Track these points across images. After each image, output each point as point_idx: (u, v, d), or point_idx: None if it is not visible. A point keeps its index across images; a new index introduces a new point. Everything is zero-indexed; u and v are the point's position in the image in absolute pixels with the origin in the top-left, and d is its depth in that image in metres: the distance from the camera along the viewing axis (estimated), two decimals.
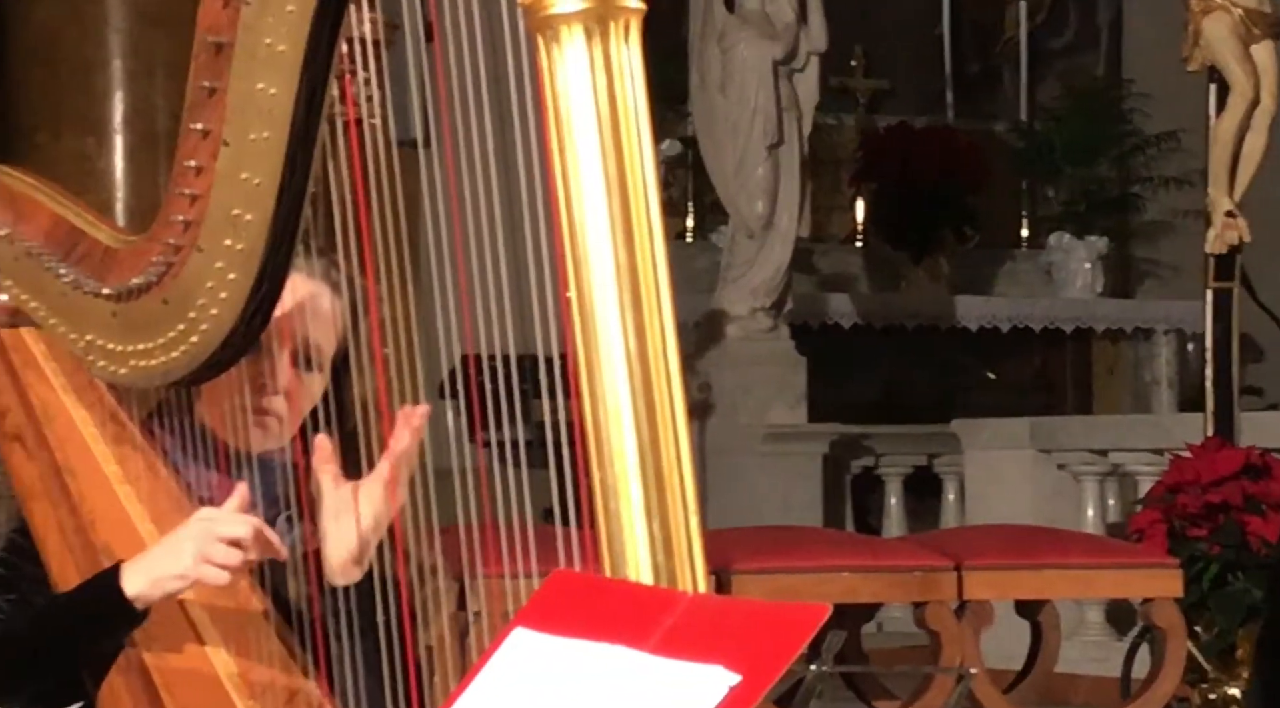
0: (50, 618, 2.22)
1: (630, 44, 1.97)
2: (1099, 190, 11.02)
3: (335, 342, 2.33)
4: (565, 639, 1.72)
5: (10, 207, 2.37)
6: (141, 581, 2.17)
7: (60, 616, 2.21)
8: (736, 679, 1.61)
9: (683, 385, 1.97)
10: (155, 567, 2.17)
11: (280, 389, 2.29)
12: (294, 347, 2.30)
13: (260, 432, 2.30)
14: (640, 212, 1.95)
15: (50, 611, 2.23)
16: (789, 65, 8.72)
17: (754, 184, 8.66)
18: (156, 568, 2.17)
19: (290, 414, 2.31)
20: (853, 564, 4.83)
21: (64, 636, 2.20)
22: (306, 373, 2.31)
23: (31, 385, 2.36)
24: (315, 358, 2.32)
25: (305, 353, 2.31)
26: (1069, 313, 10.43)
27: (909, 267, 10.43)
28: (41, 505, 2.30)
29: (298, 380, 2.30)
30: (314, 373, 2.32)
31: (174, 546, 2.18)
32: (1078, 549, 5.18)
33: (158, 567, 2.17)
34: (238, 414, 2.27)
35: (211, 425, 2.31)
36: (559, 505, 2.02)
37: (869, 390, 9.89)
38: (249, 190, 2.14)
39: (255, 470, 2.29)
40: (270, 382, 2.29)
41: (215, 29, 2.12)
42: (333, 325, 2.33)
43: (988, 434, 7.67)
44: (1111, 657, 6.55)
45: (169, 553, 2.17)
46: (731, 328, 8.69)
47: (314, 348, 2.31)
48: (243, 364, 2.26)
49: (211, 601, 2.22)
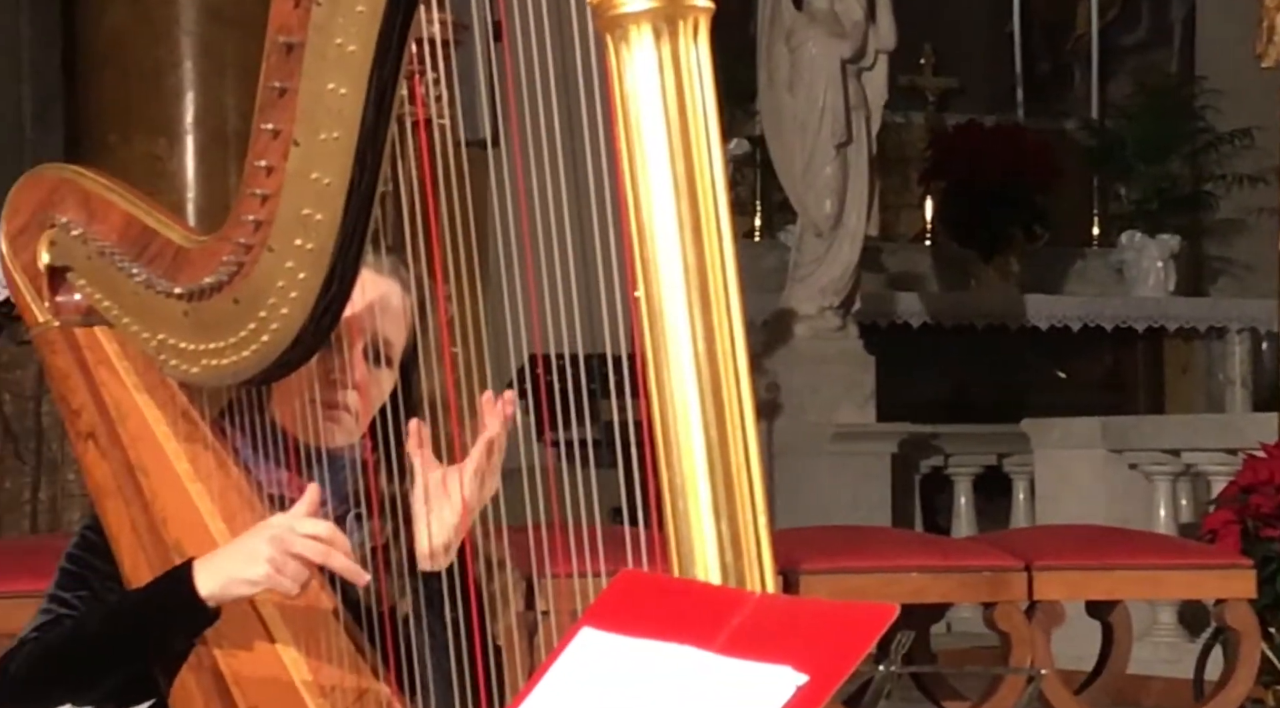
0: (122, 615, 2.23)
1: (699, 43, 1.96)
2: (1171, 188, 10.94)
3: (405, 337, 2.34)
4: (632, 639, 1.72)
5: (84, 206, 2.39)
6: (214, 581, 2.18)
7: (132, 613, 2.23)
8: (804, 680, 1.61)
9: (751, 385, 1.96)
10: (228, 568, 2.18)
11: (353, 383, 2.30)
12: (366, 342, 2.31)
13: (334, 426, 2.31)
14: (709, 211, 1.95)
15: (122, 608, 2.24)
16: (857, 64, 8.70)
17: (822, 183, 8.64)
18: (230, 569, 2.18)
19: (362, 409, 2.32)
20: (922, 564, 4.82)
21: (135, 633, 2.21)
22: (377, 368, 2.32)
23: (104, 384, 2.38)
24: (386, 353, 2.33)
25: (376, 348, 2.32)
26: (1141, 312, 10.36)
27: (978, 265, 10.39)
28: (114, 503, 2.32)
29: (370, 375, 2.31)
30: (385, 368, 2.33)
31: (249, 550, 2.18)
32: (1149, 550, 5.14)
33: (231, 569, 2.18)
34: (311, 409, 2.28)
35: (284, 422, 2.32)
36: (627, 505, 2.02)
37: (938, 390, 9.86)
38: (319, 190, 2.14)
39: (325, 467, 2.30)
40: (342, 376, 2.30)
41: (286, 29, 2.13)
42: (403, 321, 2.34)
43: (1058, 434, 7.62)
44: (1184, 658, 6.50)
45: (243, 557, 2.18)
46: (800, 327, 8.68)
47: (385, 343, 2.32)
48: (315, 359, 2.27)
49: (282, 598, 2.23)
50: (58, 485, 5.68)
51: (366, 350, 2.31)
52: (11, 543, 5.02)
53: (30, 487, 5.71)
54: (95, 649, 2.21)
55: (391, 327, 2.33)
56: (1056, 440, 7.61)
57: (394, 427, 2.29)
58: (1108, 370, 10.55)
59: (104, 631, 2.22)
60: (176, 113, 7.18)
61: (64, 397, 2.40)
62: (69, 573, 2.31)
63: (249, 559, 2.17)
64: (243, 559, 2.17)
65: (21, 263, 2.42)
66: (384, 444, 2.29)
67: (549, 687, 1.74)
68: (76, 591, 2.29)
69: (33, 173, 2.45)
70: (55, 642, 2.23)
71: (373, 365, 2.32)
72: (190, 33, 7.17)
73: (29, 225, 2.42)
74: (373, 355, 2.32)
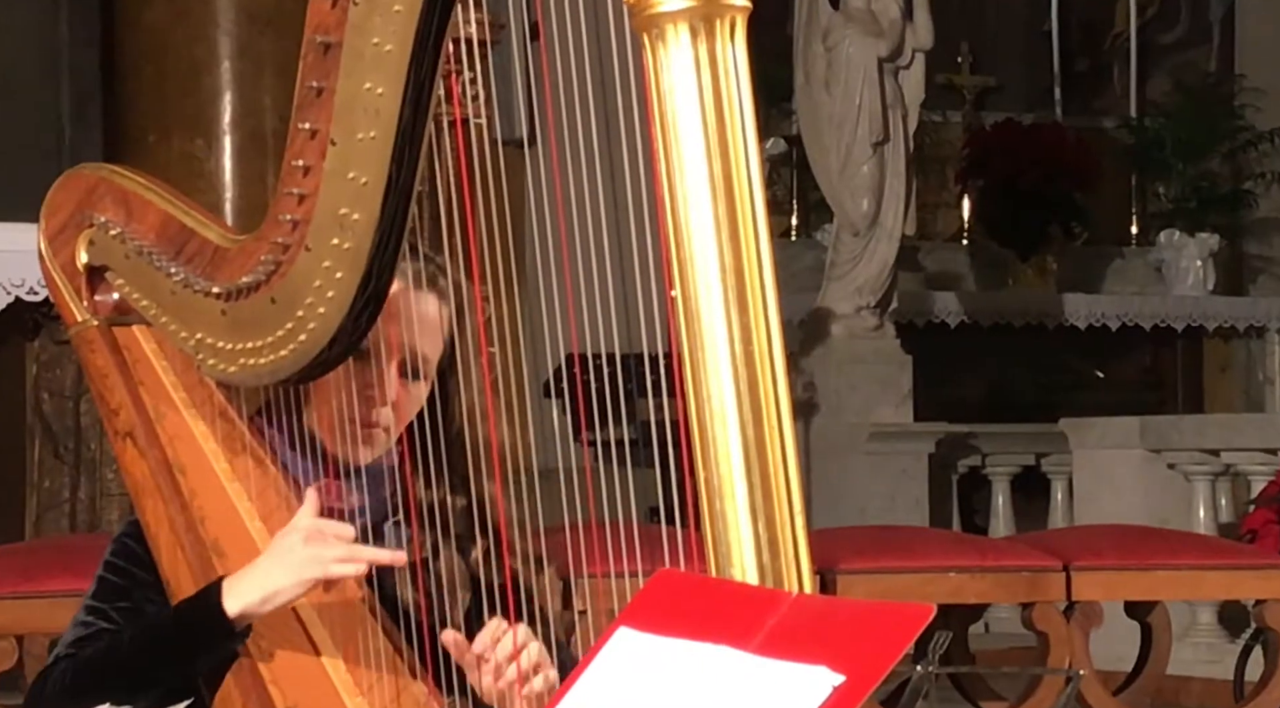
0: (153, 637, 2.22)
1: (735, 42, 1.96)
2: (1210, 187, 10.89)
3: (441, 349, 2.33)
4: (669, 639, 1.71)
5: (122, 205, 2.39)
6: (248, 597, 2.17)
7: (163, 636, 2.22)
8: (840, 680, 1.61)
9: (788, 385, 1.96)
10: (264, 582, 2.17)
11: (388, 401, 2.29)
12: (402, 358, 2.30)
13: (369, 446, 2.30)
14: (745, 210, 1.95)
15: (154, 629, 2.23)
16: (894, 62, 8.68)
17: (859, 182, 8.62)
18: (265, 584, 2.17)
19: (396, 423, 2.31)
20: (959, 564, 4.80)
21: (166, 656, 2.21)
22: (413, 382, 2.31)
23: (142, 383, 2.39)
24: (422, 368, 2.31)
25: (413, 364, 2.30)
26: (1179, 310, 10.31)
27: (1016, 265, 10.35)
28: (153, 502, 2.32)
29: (405, 391, 2.30)
30: (420, 382, 2.32)
31: (281, 561, 2.17)
32: (1188, 550, 5.11)
33: (267, 582, 2.17)
34: (346, 426, 2.28)
35: (321, 435, 2.32)
36: (664, 505, 2.01)
37: (975, 389, 9.83)
38: (356, 189, 2.15)
39: (362, 475, 2.30)
40: (379, 393, 2.29)
41: (323, 29, 2.13)
42: (439, 334, 2.32)
43: (1097, 433, 7.59)
44: (1224, 659, 6.47)
45: (276, 568, 2.17)
46: (836, 326, 8.66)
47: (421, 358, 2.31)
48: (351, 376, 2.26)
49: (320, 599, 2.23)
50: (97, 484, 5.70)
51: (403, 366, 2.30)
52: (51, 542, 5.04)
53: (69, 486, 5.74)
54: (128, 671, 2.21)
55: (428, 341, 2.31)
56: (1095, 440, 7.57)
57: (431, 435, 2.28)
58: (1146, 370, 10.50)
59: (136, 652, 2.21)
60: (214, 112, 7.21)
61: (102, 395, 2.41)
62: (108, 583, 2.31)
63: (281, 569, 2.16)
64: (274, 570, 2.17)
65: (60, 262, 2.43)
66: (421, 453, 2.29)
67: (586, 686, 1.74)
68: (115, 602, 2.28)
69: (71, 172, 2.46)
70: (89, 662, 2.23)
71: (409, 380, 2.31)
72: (228, 33, 7.20)
73: (68, 225, 2.43)
74: (409, 371, 2.30)
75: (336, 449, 2.29)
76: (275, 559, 2.18)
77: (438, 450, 2.27)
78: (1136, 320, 10.20)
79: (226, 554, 2.25)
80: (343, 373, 2.27)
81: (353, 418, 2.26)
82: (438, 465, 2.28)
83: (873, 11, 8.63)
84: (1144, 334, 10.28)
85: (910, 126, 8.77)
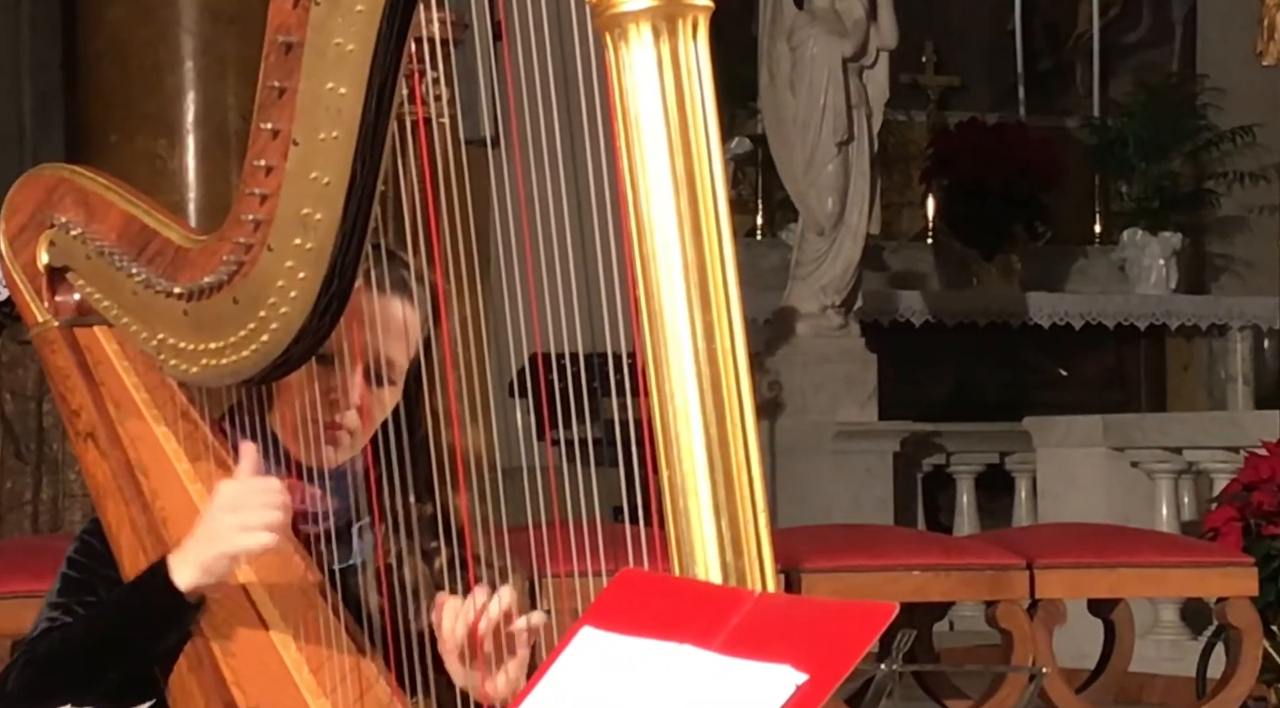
0: (107, 621, 2.22)
1: (698, 42, 1.96)
2: (1173, 186, 10.94)
3: (410, 355, 2.32)
4: (632, 639, 1.71)
5: (83, 206, 2.38)
6: (192, 571, 2.17)
7: (116, 618, 2.22)
8: (804, 679, 1.61)
9: (752, 384, 1.96)
10: (201, 553, 2.18)
11: (353, 405, 2.28)
12: (368, 363, 2.29)
13: (332, 448, 2.30)
14: (709, 209, 1.95)
15: (106, 613, 2.23)
16: (859, 62, 8.70)
17: (824, 181, 8.64)
18: (203, 553, 2.17)
19: (363, 428, 2.31)
20: (924, 563, 4.81)
21: (122, 638, 2.20)
22: (380, 388, 2.31)
23: (104, 384, 2.38)
24: (389, 373, 2.31)
25: (378, 369, 2.30)
26: (1143, 309, 10.36)
27: (980, 263, 10.39)
28: (114, 503, 2.31)
29: (371, 396, 2.30)
30: (388, 387, 2.31)
31: (211, 527, 2.18)
32: (1151, 548, 5.14)
33: (203, 552, 2.17)
34: (310, 429, 2.27)
35: (284, 438, 2.31)
36: (628, 504, 2.01)
37: (940, 388, 9.85)
38: (318, 189, 2.14)
39: (327, 477, 2.29)
40: (343, 398, 2.28)
41: (285, 29, 2.12)
42: (407, 338, 2.32)
43: (1060, 432, 7.62)
44: (1186, 656, 6.50)
45: (208, 536, 2.18)
46: (801, 326, 8.68)
47: (388, 364, 2.30)
48: (316, 380, 2.26)
49: (283, 598, 2.23)
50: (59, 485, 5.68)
51: (369, 372, 2.29)
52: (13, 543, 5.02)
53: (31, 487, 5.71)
54: (85, 658, 2.20)
55: (396, 347, 2.30)
56: (1058, 438, 7.60)
57: (397, 440, 2.28)
58: (1110, 368, 10.54)
59: (91, 638, 2.21)
60: (177, 112, 7.18)
61: (64, 396, 2.40)
62: (70, 579, 2.30)
63: (214, 535, 2.17)
64: (209, 539, 2.17)
65: (21, 262, 2.42)
66: (386, 458, 2.28)
67: (549, 686, 1.74)
68: (79, 596, 2.27)
69: (32, 172, 2.45)
70: (46, 653, 2.22)
71: (375, 386, 2.30)
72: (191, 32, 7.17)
73: (28, 225, 2.42)
74: (374, 376, 2.30)
75: (299, 452, 2.29)
76: (205, 534, 2.18)
77: (402, 456, 2.27)
78: (1100, 319, 10.24)
79: None
80: (307, 377, 2.26)
81: (315, 420, 2.26)
82: (402, 471, 2.28)
83: (837, 11, 8.65)
84: (1107, 333, 10.32)
85: (875, 126, 8.79)
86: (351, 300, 2.20)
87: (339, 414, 2.28)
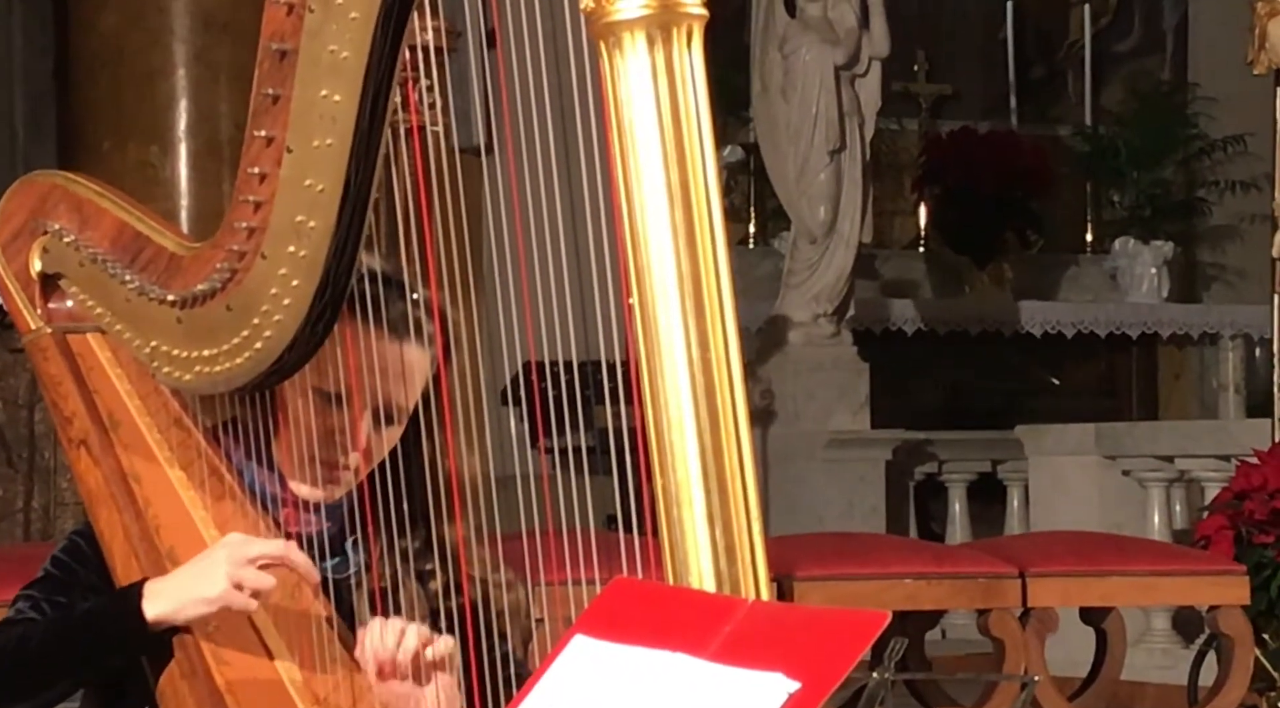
0: (66, 632, 2.21)
1: (692, 50, 1.97)
2: (1164, 195, 10.95)
3: (418, 392, 2.30)
4: (625, 647, 1.71)
5: (76, 213, 2.38)
6: (165, 605, 2.16)
7: (75, 631, 2.20)
8: (796, 687, 1.61)
9: (745, 392, 1.96)
10: (185, 590, 2.16)
11: (358, 448, 2.28)
12: (376, 407, 2.28)
13: (333, 487, 2.29)
14: (702, 218, 1.95)
15: (68, 624, 2.22)
16: (851, 70, 8.70)
17: (816, 190, 8.64)
18: (186, 592, 2.16)
19: (363, 467, 2.30)
20: (916, 571, 4.81)
21: (74, 651, 2.19)
22: (386, 427, 2.29)
23: (97, 391, 2.37)
24: (395, 415, 2.30)
25: (386, 412, 2.28)
26: (1134, 318, 10.37)
27: (972, 272, 10.39)
28: (107, 511, 2.31)
29: (376, 437, 2.29)
30: (394, 427, 2.30)
31: (205, 569, 2.16)
32: (1143, 556, 5.14)
33: (187, 590, 2.16)
34: (311, 466, 2.26)
35: (281, 463, 2.30)
36: (622, 512, 2.01)
37: (932, 396, 9.86)
38: (312, 197, 2.14)
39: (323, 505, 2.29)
40: (349, 441, 2.27)
41: (279, 36, 2.13)
42: (417, 380, 2.29)
43: (1052, 440, 7.62)
44: (1178, 664, 6.50)
45: (197, 574, 2.16)
46: (794, 334, 8.68)
47: (395, 407, 2.29)
48: (321, 416, 2.25)
49: (277, 609, 2.23)
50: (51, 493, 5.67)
51: (376, 415, 2.28)
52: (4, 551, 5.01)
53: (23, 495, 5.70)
54: (35, 662, 2.19)
55: (404, 390, 2.28)
56: (1050, 447, 7.60)
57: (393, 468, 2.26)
58: (1101, 377, 10.55)
59: (46, 645, 2.20)
60: (170, 120, 7.18)
61: (56, 404, 2.40)
62: (49, 576, 2.30)
63: (204, 577, 2.15)
64: (199, 578, 2.16)
65: (14, 270, 2.42)
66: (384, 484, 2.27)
67: (542, 694, 1.74)
68: (51, 595, 2.27)
69: (25, 180, 2.45)
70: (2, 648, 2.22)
71: (382, 426, 2.29)
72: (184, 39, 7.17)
73: (21, 232, 2.42)
74: (383, 418, 2.28)
75: (301, 486, 2.28)
76: (196, 573, 2.17)
77: (398, 483, 2.26)
78: (1092, 328, 10.25)
79: (181, 563, 2.24)
80: (314, 410, 2.25)
81: (315, 458, 2.25)
82: (398, 498, 2.27)
83: (829, 19, 8.65)
84: (1099, 341, 10.32)
85: (867, 134, 8.79)
86: (364, 344, 2.20)
87: (343, 457, 2.27)
